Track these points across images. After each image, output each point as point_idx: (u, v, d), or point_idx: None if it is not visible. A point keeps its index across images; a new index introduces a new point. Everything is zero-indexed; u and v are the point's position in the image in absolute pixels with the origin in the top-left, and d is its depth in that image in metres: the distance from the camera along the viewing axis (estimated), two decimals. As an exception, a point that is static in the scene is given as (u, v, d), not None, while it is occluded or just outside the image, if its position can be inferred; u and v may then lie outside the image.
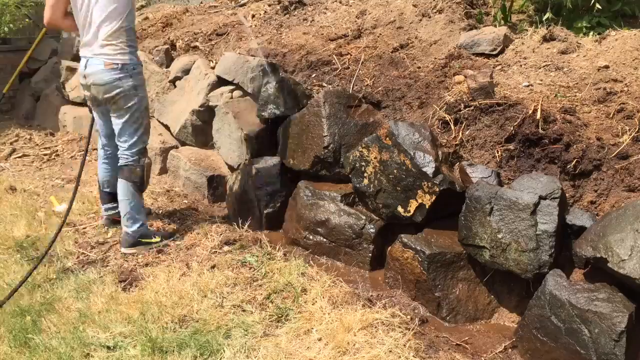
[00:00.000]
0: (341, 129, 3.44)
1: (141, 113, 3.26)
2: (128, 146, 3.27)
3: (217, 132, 4.30)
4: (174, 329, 2.56)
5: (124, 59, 3.11)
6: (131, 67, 3.14)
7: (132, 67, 3.15)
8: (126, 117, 3.21)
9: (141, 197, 3.39)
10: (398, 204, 3.04)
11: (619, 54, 3.27)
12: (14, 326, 2.59)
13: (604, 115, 2.91)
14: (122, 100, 3.15)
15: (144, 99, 3.26)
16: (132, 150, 3.28)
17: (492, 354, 2.47)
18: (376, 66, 3.81)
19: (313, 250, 3.37)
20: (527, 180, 2.64)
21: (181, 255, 3.30)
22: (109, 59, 3.08)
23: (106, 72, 3.09)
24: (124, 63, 3.11)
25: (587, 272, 2.47)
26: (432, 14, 4.20)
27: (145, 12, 7.16)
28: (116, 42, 3.09)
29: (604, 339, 2.15)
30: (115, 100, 3.14)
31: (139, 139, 3.30)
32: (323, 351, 2.37)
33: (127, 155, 3.28)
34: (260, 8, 5.62)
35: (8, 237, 3.58)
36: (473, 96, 3.16)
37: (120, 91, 3.12)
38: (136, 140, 3.28)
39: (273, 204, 3.70)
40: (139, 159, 3.30)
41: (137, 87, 3.18)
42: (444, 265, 2.79)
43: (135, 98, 3.18)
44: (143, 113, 3.28)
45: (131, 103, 3.17)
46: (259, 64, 4.02)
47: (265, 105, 3.84)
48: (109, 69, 3.08)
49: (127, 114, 3.20)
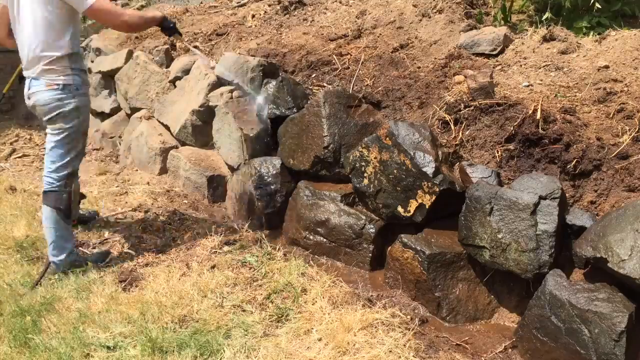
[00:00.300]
0: (341, 129, 3.44)
1: (77, 136, 3.07)
2: (55, 168, 3.05)
3: (217, 132, 4.30)
4: (174, 329, 2.56)
5: (67, 79, 2.97)
6: (74, 88, 2.99)
7: (76, 87, 3.00)
8: (60, 137, 3.02)
9: (69, 225, 3.15)
10: (398, 204, 3.04)
11: (619, 54, 3.27)
12: (14, 326, 2.59)
13: (604, 115, 2.91)
14: (60, 121, 2.99)
15: (84, 122, 3.08)
16: (58, 174, 3.06)
17: (492, 354, 2.47)
18: (376, 66, 3.81)
19: (313, 250, 3.38)
20: (527, 180, 2.64)
21: (181, 255, 3.30)
22: (50, 80, 2.94)
23: (46, 92, 2.95)
24: (67, 83, 2.97)
25: (587, 272, 2.47)
26: (432, 14, 4.20)
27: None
28: (57, 66, 2.95)
29: (604, 339, 2.15)
30: (55, 120, 2.99)
31: (68, 163, 3.07)
32: (323, 351, 2.37)
33: (52, 180, 3.06)
34: (260, 8, 5.62)
35: (8, 237, 3.58)
36: (473, 96, 3.16)
37: (60, 112, 2.97)
38: (65, 163, 3.05)
39: (273, 204, 3.71)
40: (65, 184, 3.07)
41: (80, 108, 3.02)
42: (444, 265, 2.79)
43: (75, 120, 3.01)
44: (79, 137, 3.09)
45: (70, 125, 3.00)
46: (259, 64, 4.02)
47: (265, 105, 3.85)
48: (50, 89, 2.95)
49: (62, 134, 3.01)
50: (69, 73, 2.97)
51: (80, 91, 3.03)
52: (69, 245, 3.12)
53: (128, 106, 5.49)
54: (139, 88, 5.27)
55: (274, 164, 3.77)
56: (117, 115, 5.74)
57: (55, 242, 3.07)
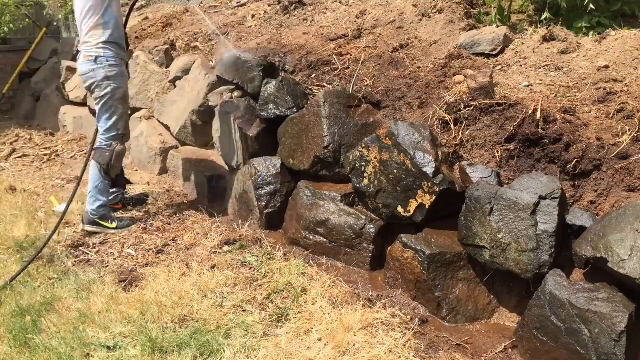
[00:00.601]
0: (341, 129, 3.44)
1: (115, 102, 3.52)
2: (103, 131, 3.56)
3: (217, 132, 4.30)
4: (174, 329, 2.56)
5: (98, 52, 3.44)
6: (104, 60, 3.44)
7: (106, 59, 3.45)
8: (101, 105, 3.51)
9: (107, 180, 3.62)
10: (398, 204, 3.04)
11: (619, 54, 3.27)
12: (14, 326, 2.59)
13: (604, 115, 2.91)
14: (97, 90, 3.48)
15: (118, 89, 3.51)
16: (106, 135, 3.56)
17: (492, 354, 2.47)
18: (376, 66, 3.81)
19: (313, 250, 3.37)
20: (527, 180, 2.64)
21: (181, 255, 3.30)
22: (86, 52, 3.43)
23: (84, 64, 3.47)
24: (98, 55, 3.43)
25: (587, 272, 2.47)
26: (432, 14, 4.20)
27: (145, 12, 7.17)
28: (93, 38, 3.42)
29: (604, 339, 2.15)
30: (92, 89, 3.50)
31: (113, 126, 3.56)
32: (323, 351, 2.37)
33: (101, 139, 3.58)
34: (260, 8, 5.62)
35: (8, 237, 3.58)
36: (473, 96, 3.16)
37: (94, 81, 3.46)
38: (110, 126, 3.55)
39: (273, 204, 3.71)
40: (111, 144, 3.57)
41: (110, 77, 3.47)
42: (444, 265, 2.79)
43: (108, 88, 3.47)
44: (117, 102, 3.54)
45: (104, 92, 3.47)
46: (259, 64, 4.02)
47: (265, 105, 3.85)
48: (86, 61, 3.46)
49: (101, 102, 3.50)
50: (100, 46, 3.43)
51: (110, 62, 3.47)
52: (103, 198, 3.59)
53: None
54: (139, 88, 5.28)
55: (274, 164, 3.77)
56: (117, 115, 5.73)
57: (92, 192, 3.58)
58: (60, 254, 3.32)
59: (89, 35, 3.43)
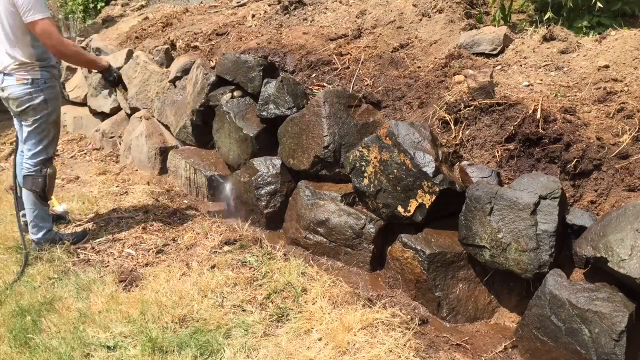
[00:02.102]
0: (341, 129, 3.44)
1: (48, 125, 3.33)
2: (31, 155, 3.35)
3: (217, 132, 4.30)
4: (174, 328, 2.56)
5: (35, 74, 3.23)
6: (42, 82, 3.25)
7: (44, 81, 3.25)
8: (33, 127, 3.30)
9: (45, 205, 3.45)
10: (398, 203, 3.04)
11: (619, 53, 3.27)
12: (14, 326, 2.60)
13: (604, 115, 2.91)
14: (32, 112, 3.25)
15: (53, 112, 3.34)
16: (34, 160, 3.35)
17: (492, 354, 2.47)
18: (376, 66, 3.81)
19: (313, 250, 3.38)
20: (527, 180, 2.64)
21: (181, 255, 3.30)
22: (20, 75, 3.21)
23: (18, 87, 3.21)
24: (35, 78, 3.23)
25: (587, 272, 2.47)
26: (432, 13, 4.20)
27: (145, 12, 7.17)
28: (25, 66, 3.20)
29: (604, 338, 2.15)
30: (26, 112, 3.25)
31: (43, 150, 3.36)
32: (323, 351, 2.37)
33: (29, 165, 3.36)
34: (260, 8, 5.62)
35: (8, 237, 3.58)
36: (473, 96, 3.16)
37: (30, 105, 3.23)
38: (39, 150, 3.35)
39: (273, 204, 3.71)
40: (41, 169, 3.36)
41: (48, 101, 3.28)
42: (444, 265, 2.79)
43: (45, 111, 3.27)
44: (51, 125, 3.35)
45: (40, 115, 3.27)
46: (259, 63, 4.02)
47: (265, 105, 3.85)
48: (20, 84, 3.21)
49: (34, 124, 3.29)
50: (37, 69, 3.24)
51: (48, 84, 3.29)
52: (47, 225, 3.44)
53: (128, 106, 5.49)
54: (139, 88, 5.27)
55: (274, 163, 3.77)
56: (117, 115, 5.74)
57: (33, 221, 3.40)
58: (60, 254, 3.32)
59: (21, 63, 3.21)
